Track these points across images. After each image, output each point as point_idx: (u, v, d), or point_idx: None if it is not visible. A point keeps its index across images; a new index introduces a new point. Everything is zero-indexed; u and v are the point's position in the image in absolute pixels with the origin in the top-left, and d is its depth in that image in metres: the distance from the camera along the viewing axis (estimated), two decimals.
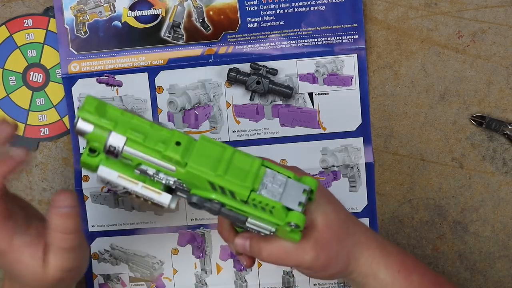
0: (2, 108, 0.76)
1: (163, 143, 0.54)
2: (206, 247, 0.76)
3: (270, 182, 0.54)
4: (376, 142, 0.76)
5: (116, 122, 0.54)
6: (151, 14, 0.75)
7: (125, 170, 0.56)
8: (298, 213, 0.54)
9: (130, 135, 0.54)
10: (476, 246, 0.76)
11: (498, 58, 0.75)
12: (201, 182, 0.54)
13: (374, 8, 0.75)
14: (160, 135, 0.54)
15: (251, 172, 0.54)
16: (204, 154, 0.54)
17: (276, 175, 0.55)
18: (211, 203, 0.55)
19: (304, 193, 0.54)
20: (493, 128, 0.74)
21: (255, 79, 0.73)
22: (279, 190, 0.54)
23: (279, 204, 0.53)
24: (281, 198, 0.54)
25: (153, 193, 0.56)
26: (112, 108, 0.55)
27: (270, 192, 0.54)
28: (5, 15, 0.76)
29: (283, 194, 0.54)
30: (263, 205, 0.54)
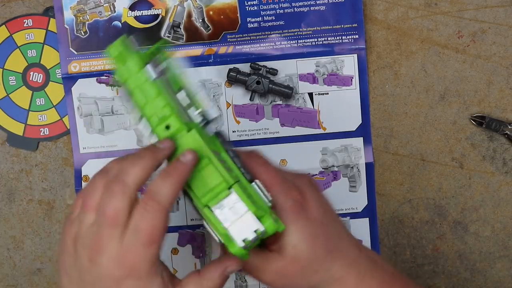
0: (2, 108, 0.76)
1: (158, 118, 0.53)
2: (206, 247, 0.76)
3: (229, 206, 0.52)
4: (376, 142, 0.76)
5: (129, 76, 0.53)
6: (151, 14, 0.75)
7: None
8: (238, 248, 0.51)
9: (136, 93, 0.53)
10: (476, 246, 0.76)
11: (498, 58, 0.75)
12: None
13: (374, 8, 0.75)
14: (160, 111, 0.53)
15: (214, 190, 0.52)
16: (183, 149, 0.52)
17: (238, 202, 0.52)
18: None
19: (256, 232, 0.52)
20: (493, 128, 0.74)
21: (255, 79, 0.73)
22: (232, 218, 0.52)
23: (224, 231, 0.52)
24: (230, 226, 0.52)
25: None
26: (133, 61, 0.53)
27: (223, 215, 0.52)
28: (5, 15, 0.76)
29: (235, 223, 0.52)
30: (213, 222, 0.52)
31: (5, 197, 0.77)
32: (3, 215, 0.77)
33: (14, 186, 0.76)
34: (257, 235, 0.52)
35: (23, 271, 0.77)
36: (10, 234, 0.77)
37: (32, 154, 0.76)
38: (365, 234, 0.76)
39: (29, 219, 0.77)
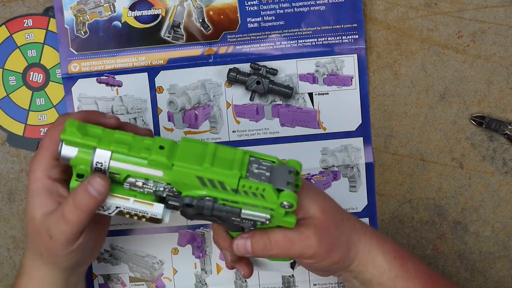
0: (2, 108, 0.76)
1: (147, 149, 0.55)
2: (206, 247, 0.76)
3: (256, 168, 0.55)
4: (376, 142, 0.76)
5: (99, 138, 0.56)
6: (151, 14, 0.75)
7: (114, 188, 0.57)
8: (289, 192, 0.55)
9: (114, 148, 0.55)
10: (476, 246, 0.76)
11: (498, 58, 0.75)
12: (190, 180, 0.55)
13: (374, 8, 0.75)
14: (143, 144, 0.56)
15: (236, 160, 0.55)
16: (188, 152, 0.55)
17: (260, 161, 0.56)
18: (203, 201, 0.55)
19: (291, 173, 0.55)
20: (493, 128, 0.74)
21: (255, 79, 0.73)
22: (266, 174, 0.55)
23: (269, 186, 0.54)
24: (270, 181, 0.55)
25: (146, 205, 0.57)
26: (93, 127, 0.56)
27: (258, 177, 0.55)
28: (5, 15, 0.76)
29: (271, 177, 0.55)
30: (254, 190, 0.54)
31: (5, 197, 0.77)
32: (3, 215, 0.77)
33: (14, 186, 0.76)
34: (293, 175, 0.55)
35: None
36: (10, 234, 0.77)
37: (32, 154, 0.76)
38: None
39: None
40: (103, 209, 0.58)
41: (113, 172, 0.56)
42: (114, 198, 0.57)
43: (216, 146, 0.56)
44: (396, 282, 0.61)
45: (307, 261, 0.60)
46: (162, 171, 0.55)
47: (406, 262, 0.62)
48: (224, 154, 0.55)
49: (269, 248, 0.58)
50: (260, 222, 0.56)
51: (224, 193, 0.55)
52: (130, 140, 0.56)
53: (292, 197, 0.54)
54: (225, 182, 0.54)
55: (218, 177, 0.54)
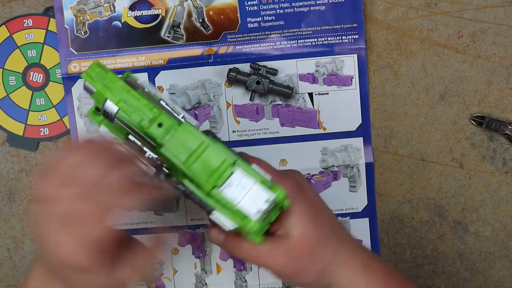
0: (2, 108, 0.76)
1: (148, 120, 0.55)
2: (206, 247, 0.76)
3: (236, 183, 0.53)
4: (376, 142, 0.76)
5: (111, 90, 0.55)
6: (151, 14, 0.75)
7: (120, 135, 0.58)
8: (253, 222, 0.52)
9: (121, 106, 0.55)
10: (476, 246, 0.76)
11: (498, 58, 0.75)
12: (174, 166, 0.55)
13: (374, 8, 0.75)
14: (149, 113, 0.55)
15: (218, 170, 0.53)
16: (180, 141, 0.54)
17: (244, 177, 0.53)
18: (181, 187, 0.55)
19: (267, 202, 0.53)
20: (493, 128, 0.74)
21: (255, 79, 0.73)
22: (242, 193, 0.53)
23: (235, 208, 0.52)
24: (240, 202, 0.53)
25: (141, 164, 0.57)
26: (114, 77, 0.56)
27: (233, 193, 0.53)
28: (5, 15, 0.76)
29: (245, 197, 0.53)
30: (224, 203, 0.53)
31: (5, 197, 0.77)
32: (3, 215, 0.77)
33: (14, 186, 0.76)
34: (269, 204, 0.52)
35: (23, 271, 0.77)
36: (10, 234, 0.77)
37: (32, 154, 0.76)
38: (365, 234, 0.76)
39: (29, 219, 0.77)
40: None
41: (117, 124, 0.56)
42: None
43: (207, 145, 0.54)
44: None
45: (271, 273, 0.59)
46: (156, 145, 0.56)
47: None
48: (211, 157, 0.53)
49: (238, 251, 0.58)
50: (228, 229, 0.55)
51: (198, 191, 0.54)
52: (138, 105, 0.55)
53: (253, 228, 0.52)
54: (199, 184, 0.54)
55: (194, 177, 0.53)
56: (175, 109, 0.57)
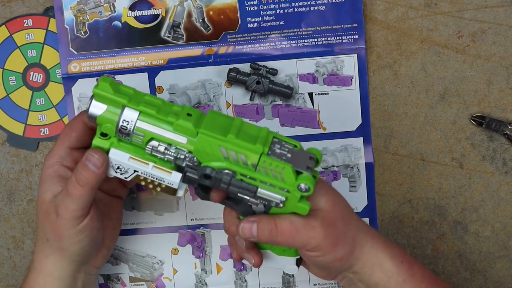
0: (2, 108, 0.76)
1: (174, 114, 0.56)
2: (206, 247, 0.76)
3: (278, 148, 0.56)
4: (376, 142, 0.76)
5: (129, 97, 0.56)
6: (151, 14, 0.75)
7: (136, 151, 0.58)
8: (308, 175, 0.55)
9: (143, 108, 0.56)
10: (476, 246, 0.76)
11: (498, 58, 0.75)
12: (213, 149, 0.55)
13: (374, 8, 0.75)
14: (172, 109, 0.57)
15: (260, 137, 0.56)
16: (214, 123, 0.56)
17: (283, 143, 0.57)
18: (222, 173, 0.56)
19: (311, 160, 0.56)
20: (493, 128, 0.74)
21: (255, 79, 0.73)
22: (287, 155, 0.56)
23: (289, 165, 0.55)
24: (290, 162, 0.55)
25: (164, 172, 0.57)
26: (125, 87, 0.57)
27: (279, 157, 0.55)
28: (5, 15, 0.76)
29: (291, 159, 0.56)
30: (274, 167, 0.55)
31: (5, 197, 0.77)
32: (3, 215, 0.77)
33: (14, 186, 0.76)
34: (313, 162, 0.56)
35: (23, 271, 0.77)
36: (10, 234, 0.77)
37: (32, 154, 0.76)
38: None
39: (29, 219, 0.77)
40: (120, 171, 0.58)
41: (137, 133, 0.56)
42: (134, 161, 0.58)
43: (242, 121, 0.57)
44: (404, 287, 0.61)
45: (310, 253, 0.60)
46: (187, 137, 0.56)
47: (413, 266, 0.62)
48: (249, 130, 0.56)
49: (275, 234, 0.58)
50: (275, 203, 0.57)
51: (244, 168, 0.56)
52: (159, 103, 0.57)
53: (310, 180, 0.55)
54: (247, 156, 0.55)
55: (241, 149, 0.55)
56: None
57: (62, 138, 0.62)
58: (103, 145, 0.58)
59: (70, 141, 0.62)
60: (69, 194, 0.59)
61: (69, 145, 0.62)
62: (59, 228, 0.61)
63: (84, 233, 0.61)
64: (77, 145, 0.63)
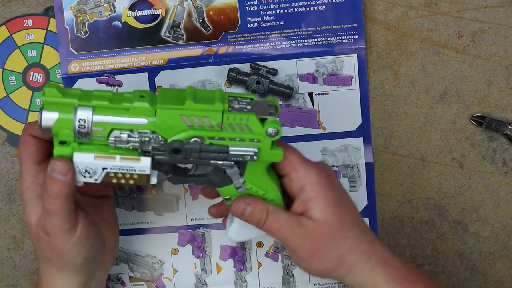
0: (2, 108, 0.76)
1: (128, 100, 0.56)
2: (206, 247, 0.76)
3: (237, 104, 0.56)
4: (376, 142, 0.76)
5: (79, 96, 0.56)
6: (151, 14, 0.75)
7: (99, 149, 0.57)
8: (273, 119, 0.56)
9: (96, 103, 0.55)
10: (476, 246, 0.76)
11: (498, 58, 0.75)
12: (175, 121, 0.55)
13: (374, 8, 0.75)
14: (123, 97, 0.56)
15: (216, 97, 0.56)
16: (168, 96, 0.56)
17: (239, 99, 0.57)
18: (190, 144, 0.56)
19: (270, 107, 0.57)
20: (493, 128, 0.74)
21: (255, 79, 0.73)
22: (247, 107, 0.56)
23: (252, 115, 0.56)
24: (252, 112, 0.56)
25: (132, 161, 0.57)
26: (71, 89, 0.57)
27: (240, 111, 0.56)
28: (5, 15, 0.76)
29: (252, 110, 0.56)
30: (238, 121, 0.56)
31: (5, 197, 0.77)
32: (3, 215, 0.77)
33: (14, 186, 0.76)
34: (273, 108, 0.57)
35: (23, 271, 0.77)
36: (10, 234, 0.77)
37: None
38: None
39: None
40: (89, 174, 0.57)
41: (96, 128, 0.56)
42: (100, 158, 0.57)
43: (194, 88, 0.57)
44: None
45: (289, 252, 0.61)
46: (146, 118, 0.56)
47: (414, 286, 0.60)
48: (204, 94, 0.57)
49: (262, 223, 0.60)
50: (249, 157, 0.57)
51: (210, 131, 0.56)
52: (109, 95, 0.56)
53: (276, 123, 0.56)
54: (210, 116, 0.55)
55: (202, 112, 0.55)
56: None
57: (23, 157, 0.60)
58: (64, 153, 0.57)
59: (33, 157, 0.60)
60: (48, 211, 0.58)
61: (33, 161, 0.60)
62: (56, 247, 0.59)
63: (81, 243, 0.60)
64: (41, 158, 0.60)
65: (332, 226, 0.59)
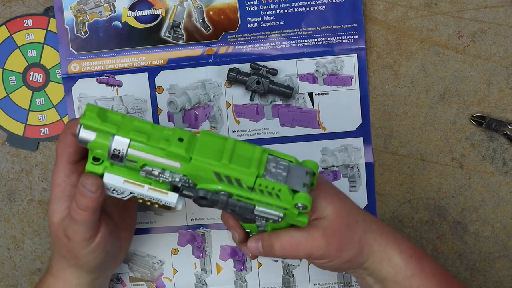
0: (2, 108, 0.76)
1: (166, 140, 0.55)
2: (206, 247, 0.76)
3: (274, 167, 0.56)
4: (376, 142, 0.76)
5: (118, 125, 0.55)
6: (151, 14, 0.75)
7: (130, 174, 0.57)
8: (304, 194, 0.55)
9: (133, 136, 0.55)
10: (476, 246, 0.76)
11: (498, 58, 0.75)
12: (207, 174, 0.55)
13: (374, 8, 0.75)
14: (162, 134, 0.56)
15: (254, 159, 0.55)
16: (207, 146, 0.55)
17: (278, 160, 0.56)
18: (218, 195, 0.55)
19: (307, 175, 0.56)
20: (493, 128, 0.74)
21: (255, 79, 0.73)
22: (283, 174, 0.55)
23: (285, 186, 0.55)
24: (286, 181, 0.55)
25: (160, 193, 0.57)
26: (113, 113, 0.56)
27: (275, 177, 0.55)
28: (5, 15, 0.76)
29: (288, 177, 0.55)
30: (270, 189, 0.55)
31: (5, 197, 0.77)
32: (3, 215, 0.77)
33: (14, 186, 0.76)
34: (309, 176, 0.56)
35: (23, 271, 0.77)
36: (10, 234, 0.77)
37: (32, 154, 0.76)
38: None
39: (29, 219, 0.77)
40: (116, 192, 0.58)
41: (130, 159, 0.56)
42: (129, 184, 0.58)
43: (235, 142, 0.56)
44: (412, 280, 0.62)
45: (317, 261, 0.62)
46: (180, 162, 0.56)
47: (422, 260, 0.63)
48: (243, 151, 0.56)
49: (278, 249, 0.60)
50: (272, 220, 0.57)
51: (240, 190, 0.56)
52: (149, 129, 0.56)
53: (307, 200, 0.55)
54: (242, 179, 0.55)
55: (236, 174, 0.55)
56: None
57: (60, 155, 0.61)
58: (96, 170, 0.57)
59: (69, 157, 0.61)
60: (74, 219, 0.59)
61: (69, 161, 0.61)
62: (73, 250, 0.61)
63: (98, 250, 0.62)
64: (77, 158, 0.61)
65: (343, 215, 0.60)
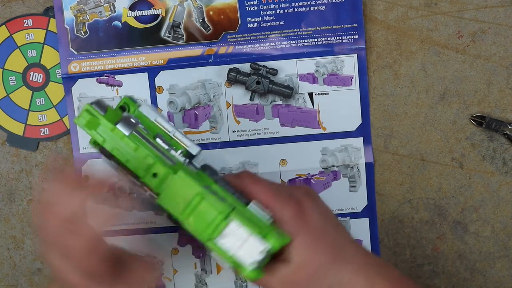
0: (2, 108, 0.76)
1: (144, 169, 0.55)
2: None
3: (232, 233, 0.54)
4: (376, 142, 0.76)
5: (104, 139, 0.55)
6: (151, 14, 0.75)
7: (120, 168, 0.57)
8: (248, 272, 0.53)
9: (115, 153, 0.55)
10: (476, 246, 0.76)
11: (498, 58, 0.75)
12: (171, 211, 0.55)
13: (374, 8, 0.75)
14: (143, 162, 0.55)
15: (213, 223, 0.53)
16: (176, 192, 0.54)
17: (239, 229, 0.54)
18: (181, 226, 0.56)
19: (262, 252, 0.53)
20: (493, 128, 0.74)
21: (255, 79, 0.73)
22: (237, 244, 0.53)
23: (230, 258, 0.54)
24: (237, 252, 0.53)
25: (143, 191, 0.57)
26: (106, 124, 0.55)
27: (228, 244, 0.54)
28: (5, 15, 0.76)
29: (241, 248, 0.53)
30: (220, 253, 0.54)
31: (5, 197, 0.77)
32: (3, 215, 0.77)
33: (14, 186, 0.76)
34: (264, 254, 0.53)
35: (23, 271, 0.77)
36: (10, 234, 0.77)
37: (32, 154, 0.76)
38: (365, 234, 0.76)
39: (29, 219, 0.77)
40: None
41: None
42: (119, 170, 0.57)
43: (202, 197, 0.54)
44: None
45: None
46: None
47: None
48: (207, 209, 0.54)
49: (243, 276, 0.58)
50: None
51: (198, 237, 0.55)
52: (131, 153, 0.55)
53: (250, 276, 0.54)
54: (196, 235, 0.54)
55: (191, 229, 0.54)
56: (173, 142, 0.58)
57: None
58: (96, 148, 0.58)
59: None
60: None
61: None
62: None
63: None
64: None
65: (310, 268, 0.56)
